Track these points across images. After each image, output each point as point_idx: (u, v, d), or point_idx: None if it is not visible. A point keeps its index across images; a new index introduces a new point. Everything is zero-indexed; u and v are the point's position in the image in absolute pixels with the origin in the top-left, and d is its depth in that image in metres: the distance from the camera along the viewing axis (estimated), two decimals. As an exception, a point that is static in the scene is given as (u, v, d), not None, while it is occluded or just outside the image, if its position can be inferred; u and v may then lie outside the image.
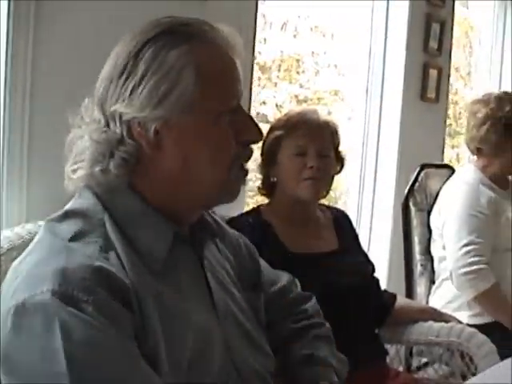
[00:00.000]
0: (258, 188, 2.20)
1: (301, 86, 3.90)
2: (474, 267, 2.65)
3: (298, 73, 3.88)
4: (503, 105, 2.86)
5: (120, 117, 1.18)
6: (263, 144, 2.14)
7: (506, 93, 3.01)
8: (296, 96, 3.85)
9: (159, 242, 1.19)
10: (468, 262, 2.65)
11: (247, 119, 1.26)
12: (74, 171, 1.22)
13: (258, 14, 3.02)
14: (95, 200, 1.19)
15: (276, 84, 3.80)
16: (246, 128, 1.25)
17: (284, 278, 1.66)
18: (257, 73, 3.59)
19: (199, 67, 1.19)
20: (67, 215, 1.18)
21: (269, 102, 3.69)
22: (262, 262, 1.60)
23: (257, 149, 2.11)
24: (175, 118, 1.18)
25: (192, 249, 1.30)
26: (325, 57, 3.88)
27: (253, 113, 3.49)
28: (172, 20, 1.24)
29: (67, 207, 1.21)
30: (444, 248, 2.82)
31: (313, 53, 3.86)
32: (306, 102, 3.87)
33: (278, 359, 1.41)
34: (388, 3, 3.81)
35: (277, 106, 3.69)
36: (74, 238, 1.12)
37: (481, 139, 2.87)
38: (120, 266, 1.11)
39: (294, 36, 3.75)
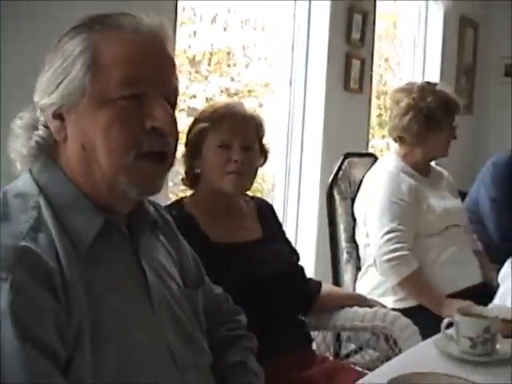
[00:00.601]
0: (182, 179, 2.20)
1: (232, 79, 3.91)
2: (397, 253, 2.71)
3: (228, 66, 3.88)
4: (425, 95, 2.92)
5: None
6: (187, 135, 2.15)
7: (428, 83, 3.07)
8: (227, 89, 3.85)
9: (88, 228, 1.21)
10: (390, 249, 2.71)
11: (155, 105, 1.24)
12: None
13: (188, 7, 3.03)
14: (32, 182, 1.23)
15: (206, 77, 3.80)
16: (152, 114, 1.23)
17: (218, 289, 1.69)
18: (186, 66, 3.59)
19: (95, 53, 1.21)
20: (5, 195, 1.21)
21: (199, 96, 3.69)
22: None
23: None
24: (71, 104, 1.22)
25: (129, 238, 1.32)
26: (255, 49, 3.90)
27: (183, 106, 3.50)
28: (96, 14, 1.28)
29: (6, 188, 1.24)
30: (368, 235, 2.88)
31: (243, 46, 3.87)
32: (237, 94, 3.89)
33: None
34: (311, -5, 3.86)
35: (207, 99, 3.70)
36: (6, 218, 1.15)
37: (403, 128, 2.94)
38: (50, 248, 1.13)
39: (225, 29, 3.76)
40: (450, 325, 1.78)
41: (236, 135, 2.07)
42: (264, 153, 2.20)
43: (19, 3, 2.20)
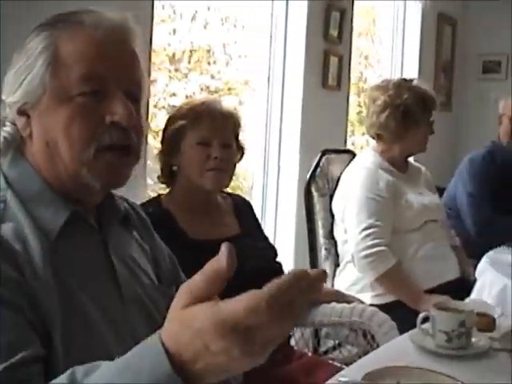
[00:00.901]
0: (158, 177, 2.20)
1: (212, 77, 3.90)
2: (374, 249, 2.72)
3: (208, 63, 3.88)
4: (402, 92, 2.94)
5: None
6: (164, 132, 2.15)
7: (404, 79, 3.08)
8: (207, 87, 3.85)
9: (55, 220, 1.22)
10: (368, 245, 2.72)
11: (114, 101, 1.25)
12: None
13: (167, 5, 3.02)
14: (1, 177, 1.25)
15: (186, 75, 3.80)
16: (111, 109, 1.24)
17: None
18: (166, 64, 3.59)
19: (56, 50, 1.23)
20: None
21: (179, 94, 3.69)
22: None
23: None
24: (33, 101, 1.24)
25: (98, 232, 1.32)
26: (235, 47, 3.90)
27: (163, 104, 3.50)
28: (62, 12, 1.30)
29: None
30: (346, 232, 2.88)
31: (223, 43, 3.87)
32: (217, 92, 3.88)
33: None
34: (288, -8, 3.86)
35: (187, 97, 3.69)
36: None
37: (380, 126, 2.95)
38: (16, 239, 1.14)
39: (205, 27, 3.76)
40: (425, 319, 1.79)
41: (215, 133, 2.09)
42: (240, 149, 2.22)
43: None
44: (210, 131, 2.08)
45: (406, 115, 2.91)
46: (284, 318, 0.81)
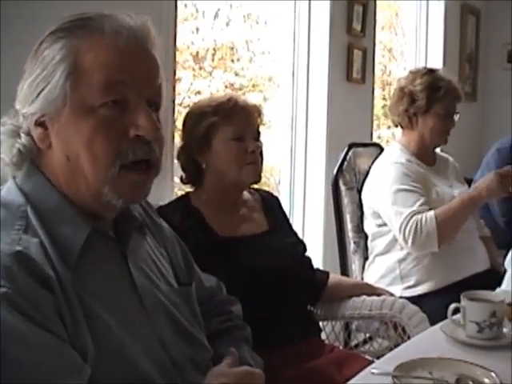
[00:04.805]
0: (181, 178, 2.19)
1: (236, 74, 3.91)
2: (414, 225, 2.66)
3: (232, 61, 3.89)
4: (415, 78, 2.92)
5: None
6: (186, 130, 2.14)
7: (427, 68, 3.06)
8: (231, 84, 3.86)
9: (75, 237, 1.20)
10: (409, 231, 2.67)
11: (139, 112, 1.22)
12: None
13: (190, 4, 3.03)
14: (17, 191, 1.22)
15: (210, 73, 3.81)
16: (135, 122, 1.21)
17: (211, 280, 1.70)
18: (190, 63, 3.60)
19: (76, 60, 1.19)
20: None
21: (203, 92, 3.70)
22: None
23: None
24: (53, 112, 1.20)
25: (116, 243, 1.31)
26: (258, 44, 3.90)
27: (187, 103, 3.51)
28: (74, 15, 1.25)
29: None
30: (377, 226, 2.87)
31: (246, 40, 3.88)
32: (241, 89, 3.89)
33: None
34: (311, -13, 3.86)
35: (211, 94, 3.70)
36: None
37: (391, 110, 2.99)
38: (42, 254, 1.12)
39: (227, 24, 3.77)
40: (456, 310, 1.79)
41: (248, 126, 2.09)
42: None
43: (19, 4, 2.19)
44: (244, 126, 2.08)
45: (412, 100, 2.90)
46: None
